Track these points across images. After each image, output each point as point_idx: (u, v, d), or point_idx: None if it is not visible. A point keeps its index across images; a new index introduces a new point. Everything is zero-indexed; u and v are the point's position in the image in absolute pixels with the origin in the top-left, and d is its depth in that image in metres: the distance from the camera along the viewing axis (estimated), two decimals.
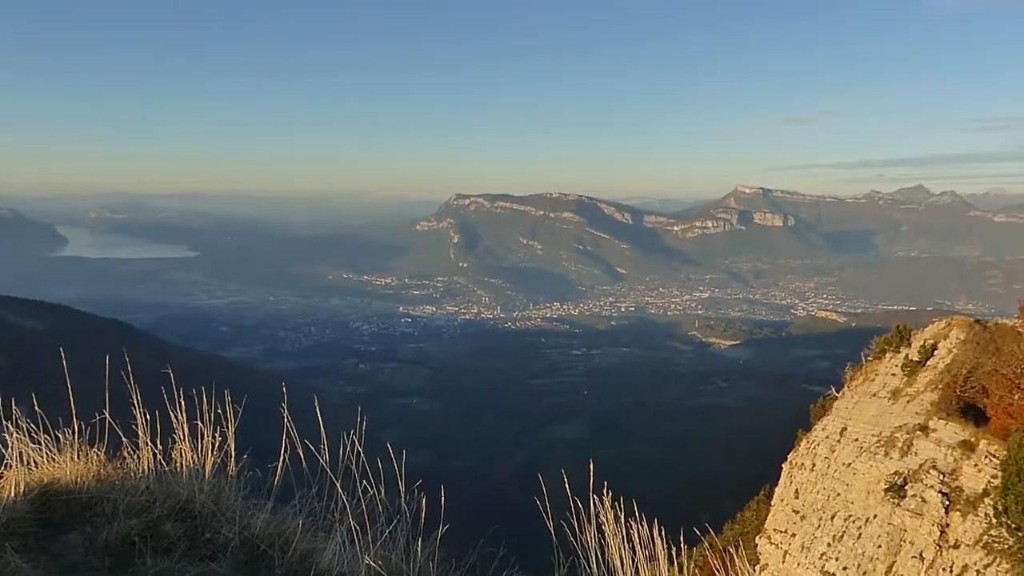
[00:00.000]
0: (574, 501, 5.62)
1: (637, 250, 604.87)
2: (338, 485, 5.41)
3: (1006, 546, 22.10)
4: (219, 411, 5.93)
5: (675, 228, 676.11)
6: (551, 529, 5.81)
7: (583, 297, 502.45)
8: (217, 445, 5.93)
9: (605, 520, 5.64)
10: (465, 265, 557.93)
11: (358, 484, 5.46)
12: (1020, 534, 21.23)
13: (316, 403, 6.14)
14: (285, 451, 5.64)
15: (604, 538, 5.65)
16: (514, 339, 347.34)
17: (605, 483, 5.95)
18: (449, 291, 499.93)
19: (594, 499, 5.72)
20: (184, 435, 6.00)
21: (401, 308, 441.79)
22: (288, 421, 5.59)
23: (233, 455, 5.98)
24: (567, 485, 5.84)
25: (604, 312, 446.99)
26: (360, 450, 5.59)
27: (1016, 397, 26.02)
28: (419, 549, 5.37)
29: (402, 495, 5.48)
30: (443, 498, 5.70)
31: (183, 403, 6.05)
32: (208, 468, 5.83)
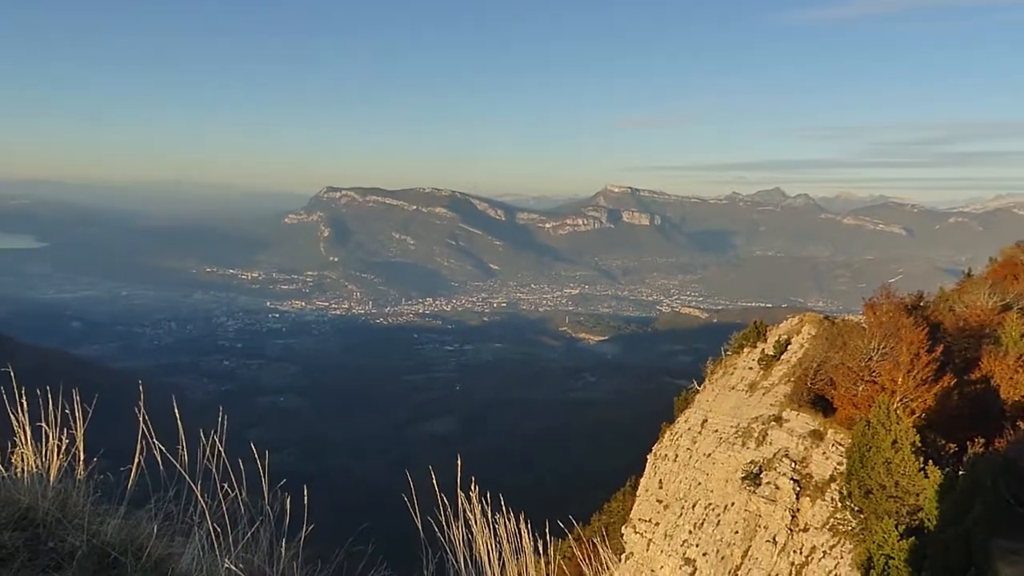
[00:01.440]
0: (442, 498, 5.59)
1: (510, 246, 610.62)
2: (197, 488, 5.15)
3: (850, 528, 23.63)
4: (67, 412, 5.53)
5: (547, 225, 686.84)
6: (419, 526, 5.74)
7: (456, 293, 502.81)
8: (64, 448, 5.53)
9: (473, 515, 5.64)
10: (336, 259, 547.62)
11: (219, 486, 5.23)
12: (862, 516, 22.75)
13: (175, 402, 5.81)
14: (140, 453, 5.31)
15: (472, 533, 5.64)
16: (386, 335, 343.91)
17: (473, 478, 5.94)
18: (319, 286, 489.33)
19: (462, 495, 5.71)
20: (26, 438, 5.55)
21: (269, 303, 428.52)
22: (144, 421, 5.28)
23: (82, 458, 5.57)
24: (435, 482, 5.80)
25: (477, 308, 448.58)
26: (222, 450, 5.35)
27: (860, 389, 27.85)
28: (283, 550, 5.19)
29: (266, 496, 5.29)
30: (309, 497, 5.55)
31: (25, 404, 5.61)
32: (53, 473, 5.42)
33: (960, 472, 20.20)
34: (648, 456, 41.85)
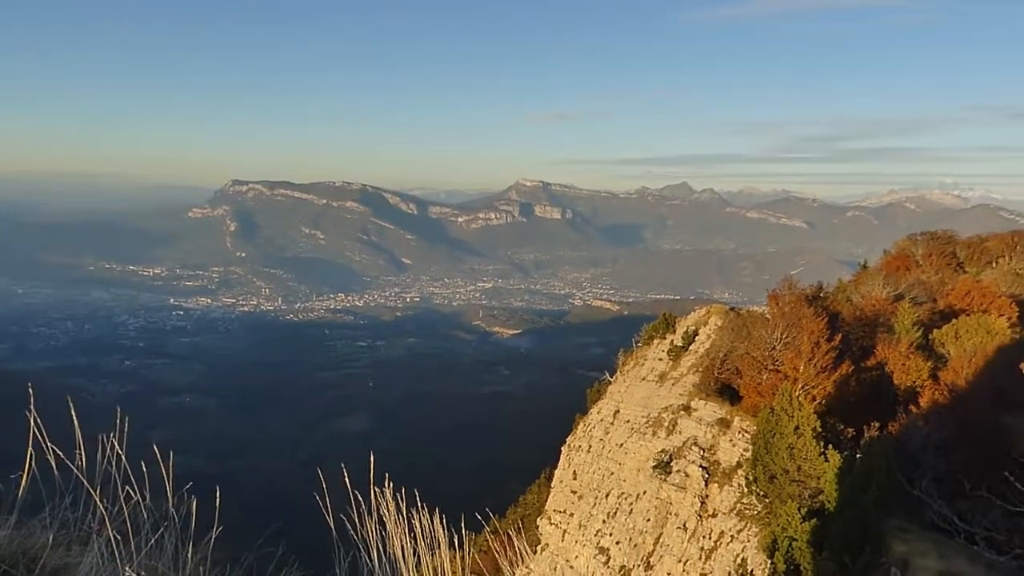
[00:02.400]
0: (355, 495, 5.53)
1: (422, 241, 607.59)
2: (95, 493, 4.93)
3: (755, 512, 24.42)
4: None
5: (460, 219, 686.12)
6: (331, 525, 5.66)
7: (368, 288, 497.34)
8: None
9: (387, 512, 5.60)
10: (243, 255, 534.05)
11: (120, 490, 5.03)
12: (767, 500, 23.53)
13: (71, 405, 5.54)
14: (32, 460, 5.05)
15: (386, 530, 5.61)
16: (296, 331, 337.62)
17: (387, 474, 5.89)
18: (226, 282, 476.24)
19: (376, 491, 5.66)
20: None
21: (172, 300, 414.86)
22: (36, 426, 5.03)
23: None
24: (347, 479, 5.73)
25: (389, 303, 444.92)
26: (122, 453, 5.14)
27: (764, 377, 28.78)
28: (189, 555, 5.04)
29: (171, 499, 5.12)
30: (217, 499, 5.40)
31: None
32: None
33: (857, 455, 21.09)
34: (562, 448, 42.31)
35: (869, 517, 18.33)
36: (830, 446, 21.44)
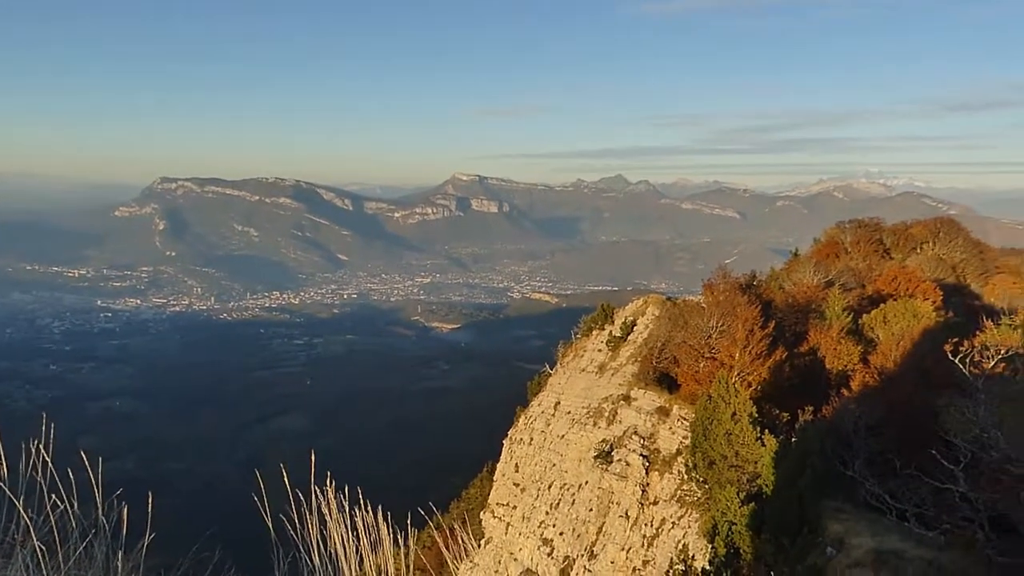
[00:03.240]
0: (295, 494, 5.42)
1: (359, 236, 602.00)
2: (19, 503, 4.70)
3: (696, 498, 24.78)
4: None
5: (396, 214, 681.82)
6: (271, 526, 5.53)
7: (304, 285, 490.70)
8: None
9: (328, 511, 5.50)
10: (173, 254, 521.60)
11: (46, 499, 4.82)
12: (707, 486, 23.91)
13: None
14: None
15: (327, 529, 5.51)
16: (231, 331, 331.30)
17: (328, 473, 5.77)
18: (155, 282, 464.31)
19: (316, 490, 5.56)
20: None
21: (100, 302, 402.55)
22: None
23: None
24: (287, 479, 5.62)
25: (326, 300, 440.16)
26: (48, 460, 4.92)
27: (701, 365, 29.21)
28: (120, 563, 4.85)
29: (100, 506, 4.92)
30: (150, 505, 5.22)
31: None
32: None
33: (793, 439, 21.57)
34: (504, 441, 42.34)
35: (805, 499, 18.76)
36: (766, 431, 21.87)
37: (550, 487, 33.85)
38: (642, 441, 28.85)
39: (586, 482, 31.06)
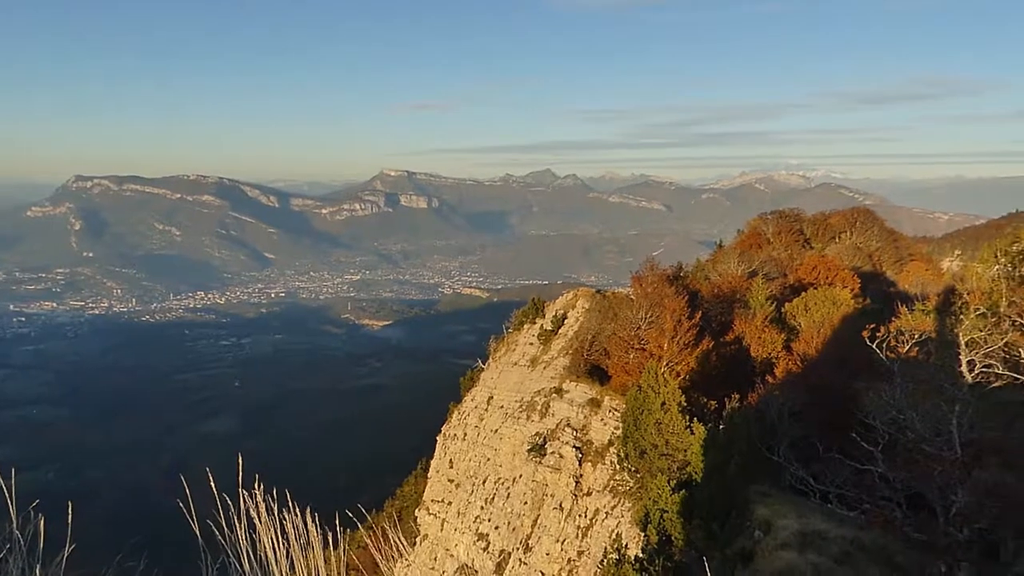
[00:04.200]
0: (223, 499, 5.31)
1: (285, 234, 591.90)
2: None
3: (628, 488, 25.14)
4: None
5: (323, 211, 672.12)
6: (198, 532, 5.42)
7: (229, 284, 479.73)
8: None
9: (257, 515, 5.41)
10: (91, 255, 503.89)
11: None
12: (639, 476, 24.28)
13: None
14: None
15: (256, 534, 5.42)
16: (153, 333, 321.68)
17: (257, 476, 5.67)
18: (72, 284, 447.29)
19: (243, 494, 5.46)
20: None
21: (12, 306, 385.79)
22: None
23: None
24: (213, 484, 5.50)
25: (253, 299, 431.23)
26: None
27: (631, 356, 29.63)
28: None
29: (14, 520, 4.73)
30: (70, 515, 5.05)
31: None
32: None
33: (720, 426, 22.05)
34: (437, 437, 42.26)
35: (733, 485, 19.23)
36: (695, 419, 22.30)
37: (484, 482, 33.92)
38: (575, 433, 29.12)
39: (520, 475, 31.21)
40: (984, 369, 17.69)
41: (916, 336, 20.36)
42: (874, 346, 19.29)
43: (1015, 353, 17.59)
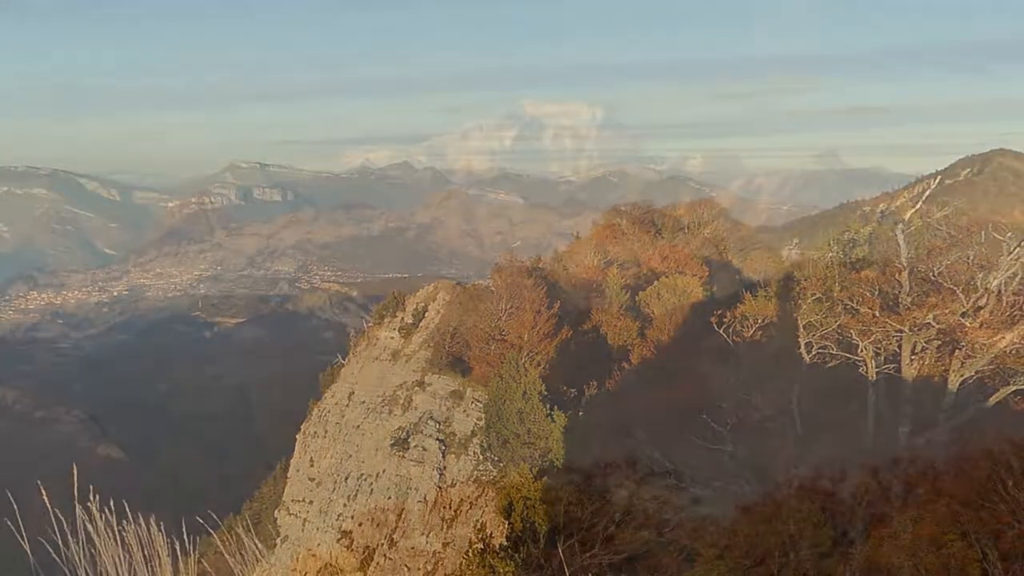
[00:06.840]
0: (55, 514, 4.96)
1: (129, 229, 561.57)
2: None
3: (491, 477, 25.39)
4: None
5: (170, 204, 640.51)
6: (28, 550, 5.04)
7: (67, 284, 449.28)
8: None
9: (95, 528, 5.09)
10: None
11: None
12: (502, 465, 24.55)
13: None
14: None
15: (96, 548, 5.10)
16: None
17: (92, 488, 5.33)
18: None
19: (80, 508, 5.12)
20: None
21: None
22: None
23: None
24: (46, 499, 5.12)
25: (93, 298, 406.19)
26: None
27: (492, 347, 29.88)
28: None
29: None
30: None
31: None
32: None
33: (580, 413, 22.61)
34: (297, 436, 41.24)
35: (594, 469, 19.75)
36: (556, 407, 22.78)
37: (347, 479, 33.38)
38: (438, 425, 29.10)
39: (384, 470, 30.91)
40: (821, 350, 18.92)
41: (759, 321, 21.54)
42: (721, 331, 20.27)
43: (847, 334, 18.92)
